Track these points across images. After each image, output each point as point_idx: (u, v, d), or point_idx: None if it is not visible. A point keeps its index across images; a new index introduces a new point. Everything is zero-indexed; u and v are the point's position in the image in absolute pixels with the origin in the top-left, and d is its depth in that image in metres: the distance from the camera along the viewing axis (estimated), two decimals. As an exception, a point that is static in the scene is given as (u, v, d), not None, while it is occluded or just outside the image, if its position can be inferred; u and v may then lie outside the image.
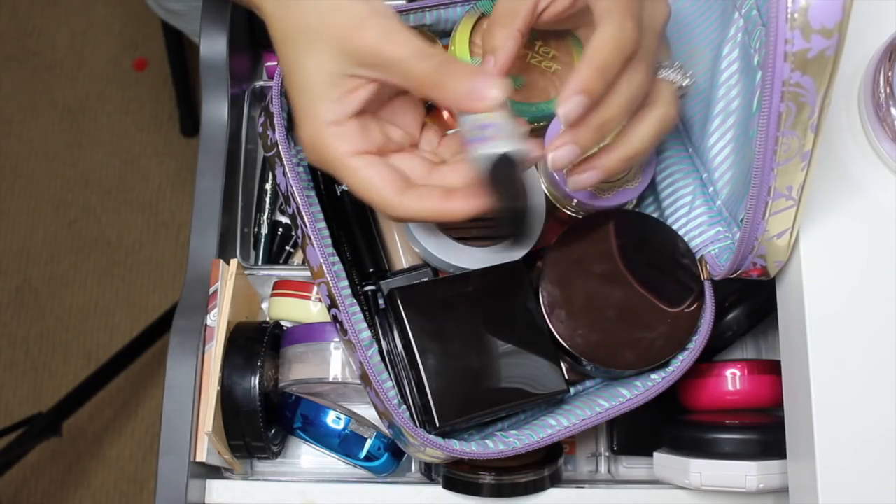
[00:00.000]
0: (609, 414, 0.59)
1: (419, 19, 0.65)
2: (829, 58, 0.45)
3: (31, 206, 1.48)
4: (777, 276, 0.57)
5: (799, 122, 0.47)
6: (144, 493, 1.37)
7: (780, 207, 0.51)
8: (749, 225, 0.53)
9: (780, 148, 0.48)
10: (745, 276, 0.57)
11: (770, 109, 0.47)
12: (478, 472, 0.62)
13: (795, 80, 0.46)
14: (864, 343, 0.53)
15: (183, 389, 0.61)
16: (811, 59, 0.45)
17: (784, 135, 0.48)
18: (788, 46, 0.45)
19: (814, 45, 0.44)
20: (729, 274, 0.57)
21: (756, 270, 0.56)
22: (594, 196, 0.62)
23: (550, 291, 0.60)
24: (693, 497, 0.63)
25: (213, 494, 0.64)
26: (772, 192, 0.50)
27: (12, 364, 1.42)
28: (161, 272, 1.46)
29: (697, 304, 0.60)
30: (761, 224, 0.52)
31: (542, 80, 0.65)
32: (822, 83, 0.46)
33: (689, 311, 0.60)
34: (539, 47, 0.65)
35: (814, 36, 0.44)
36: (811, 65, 0.45)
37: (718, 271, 0.59)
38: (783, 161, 0.49)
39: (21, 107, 1.52)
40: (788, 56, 0.45)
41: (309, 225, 0.59)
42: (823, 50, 0.44)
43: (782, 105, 0.46)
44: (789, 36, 0.44)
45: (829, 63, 0.45)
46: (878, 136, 0.57)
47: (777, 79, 0.46)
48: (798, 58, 0.45)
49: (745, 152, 0.58)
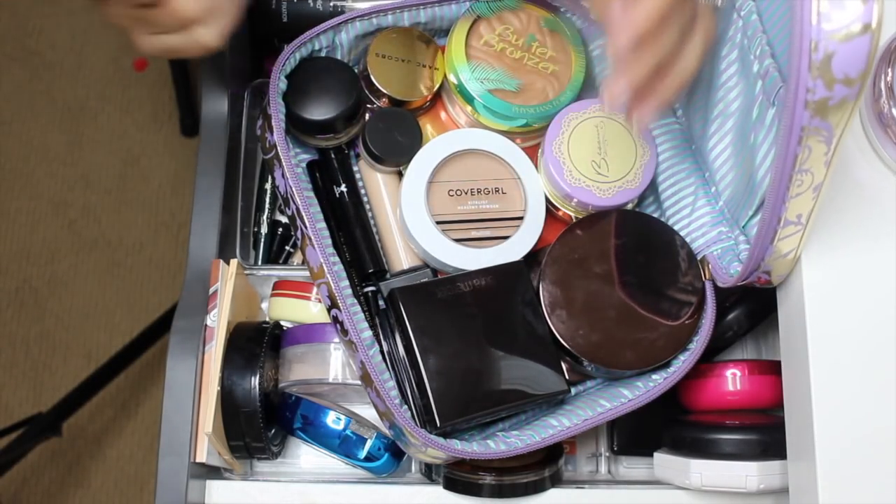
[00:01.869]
0: (611, 414, 0.59)
1: (414, 17, 0.65)
2: (849, 104, 0.43)
3: (31, 206, 1.48)
4: (778, 276, 0.57)
5: (814, 161, 0.46)
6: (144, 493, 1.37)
7: (789, 233, 0.51)
8: (757, 248, 0.53)
9: (794, 184, 0.47)
10: (748, 284, 0.57)
11: (787, 151, 0.46)
12: (478, 472, 0.61)
13: (815, 125, 0.44)
14: (865, 344, 0.53)
15: (183, 389, 0.61)
16: (832, 107, 0.43)
17: (799, 172, 0.47)
18: (810, 95, 0.43)
19: (836, 94, 0.43)
20: (733, 285, 0.58)
21: (761, 281, 0.56)
22: (595, 196, 0.62)
23: (551, 291, 0.60)
24: (693, 497, 0.63)
25: (212, 495, 0.64)
26: (782, 222, 0.50)
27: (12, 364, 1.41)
28: (161, 272, 1.45)
29: (698, 304, 0.60)
30: (770, 248, 0.52)
31: (539, 81, 0.65)
32: (841, 125, 0.45)
33: (690, 312, 0.60)
34: (536, 48, 0.65)
35: (837, 85, 0.43)
36: (832, 111, 0.44)
37: (724, 280, 0.58)
38: (795, 195, 0.48)
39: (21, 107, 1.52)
40: (809, 104, 0.43)
41: (309, 226, 0.59)
42: (845, 98, 0.43)
43: (799, 147, 0.45)
44: (811, 85, 0.43)
45: (849, 108, 0.44)
46: (879, 139, 0.57)
47: (796, 124, 0.44)
48: (819, 105, 0.43)
49: (744, 155, 0.58)
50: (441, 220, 0.63)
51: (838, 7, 0.41)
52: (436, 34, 0.67)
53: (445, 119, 0.67)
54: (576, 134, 0.63)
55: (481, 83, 0.64)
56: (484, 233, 0.63)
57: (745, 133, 0.57)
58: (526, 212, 0.64)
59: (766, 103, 0.54)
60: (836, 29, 0.42)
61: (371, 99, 0.65)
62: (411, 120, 0.65)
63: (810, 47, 0.42)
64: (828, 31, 0.42)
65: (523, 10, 0.66)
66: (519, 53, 0.65)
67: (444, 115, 0.67)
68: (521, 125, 0.64)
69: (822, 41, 0.42)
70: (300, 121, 0.63)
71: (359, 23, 0.64)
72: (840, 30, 0.42)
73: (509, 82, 0.64)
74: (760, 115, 0.54)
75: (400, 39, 0.65)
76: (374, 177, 0.66)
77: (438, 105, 0.67)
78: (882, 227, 0.55)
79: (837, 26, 0.42)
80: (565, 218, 0.65)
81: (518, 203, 0.64)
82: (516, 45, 0.65)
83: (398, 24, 0.65)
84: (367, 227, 0.66)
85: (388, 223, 0.66)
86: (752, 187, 0.56)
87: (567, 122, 0.63)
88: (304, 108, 0.61)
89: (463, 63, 0.64)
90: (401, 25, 0.65)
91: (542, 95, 0.65)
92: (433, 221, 0.62)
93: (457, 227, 0.63)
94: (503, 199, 0.64)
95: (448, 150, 0.64)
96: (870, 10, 0.41)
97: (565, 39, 0.66)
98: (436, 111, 0.67)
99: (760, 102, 0.54)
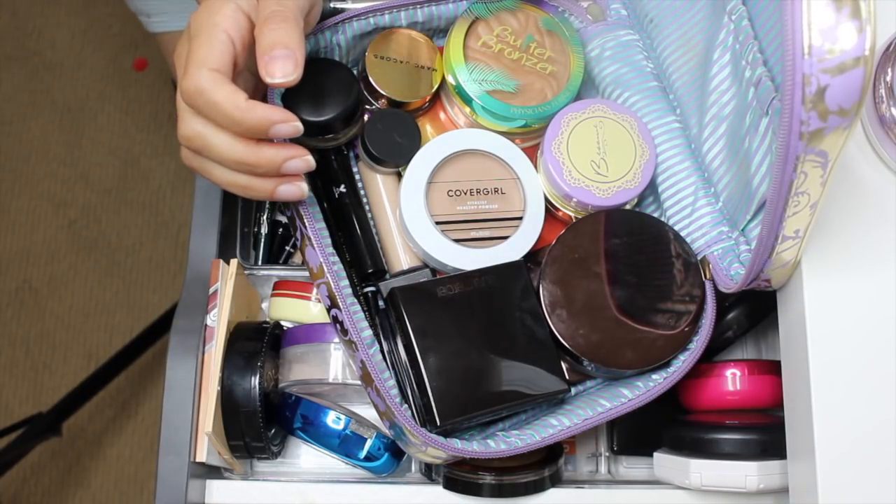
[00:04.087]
0: (611, 414, 0.59)
1: (411, 17, 0.65)
2: (844, 133, 0.43)
3: (31, 206, 1.48)
4: (777, 276, 0.57)
5: (811, 183, 0.46)
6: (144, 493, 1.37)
7: (787, 247, 0.51)
8: (755, 263, 0.53)
9: (790, 205, 0.47)
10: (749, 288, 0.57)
11: (782, 179, 0.46)
12: (478, 472, 0.62)
13: (811, 154, 0.44)
14: (865, 344, 0.53)
15: (183, 389, 0.61)
16: (827, 136, 0.43)
17: (796, 195, 0.47)
18: (804, 127, 0.43)
19: (829, 125, 0.42)
20: (734, 291, 0.58)
21: (761, 286, 0.56)
22: (594, 196, 0.62)
23: (551, 291, 0.60)
24: (693, 497, 0.63)
25: (212, 494, 0.64)
26: (780, 239, 0.50)
27: (12, 364, 1.41)
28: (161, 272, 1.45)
29: (698, 303, 0.60)
30: (768, 261, 0.52)
31: (538, 82, 0.65)
32: (836, 150, 0.44)
33: (690, 311, 0.60)
34: (534, 49, 0.65)
35: (830, 117, 0.42)
36: (827, 140, 0.43)
37: (725, 285, 0.59)
38: (792, 215, 0.48)
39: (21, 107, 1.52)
40: (804, 136, 0.43)
41: (308, 226, 0.59)
42: (839, 127, 0.43)
43: (795, 174, 0.45)
44: (805, 118, 0.42)
45: (845, 135, 0.43)
46: (880, 140, 0.57)
47: (791, 154, 0.44)
48: (814, 135, 0.43)
49: (739, 159, 0.58)
50: (440, 221, 0.63)
51: (830, 40, 0.41)
52: (434, 34, 0.67)
53: (444, 120, 0.67)
54: (575, 134, 0.63)
55: (479, 84, 0.64)
56: (483, 233, 0.63)
57: (740, 137, 0.57)
58: (525, 212, 0.64)
59: (760, 112, 0.53)
60: (829, 62, 0.41)
61: (370, 100, 0.65)
62: (410, 121, 0.65)
63: (803, 81, 0.41)
64: (820, 65, 0.41)
65: (521, 11, 0.66)
66: (517, 54, 0.65)
67: (443, 116, 0.67)
68: (519, 126, 0.64)
69: (814, 75, 0.41)
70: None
71: (356, 22, 0.64)
72: (833, 63, 0.41)
73: (508, 83, 0.64)
74: (754, 123, 0.54)
75: (398, 40, 0.65)
76: (374, 178, 0.66)
77: (437, 106, 0.67)
78: (882, 228, 0.55)
79: (830, 60, 0.41)
80: (565, 218, 0.65)
81: (517, 203, 0.64)
82: (514, 46, 0.65)
83: (395, 23, 0.65)
84: (366, 228, 0.66)
85: (387, 224, 0.66)
86: (750, 192, 0.56)
87: (566, 123, 0.63)
88: (303, 109, 0.61)
89: (461, 64, 0.64)
90: (398, 25, 0.65)
91: (540, 96, 0.65)
92: (432, 222, 0.63)
93: (456, 228, 0.63)
94: (503, 200, 0.64)
95: (447, 150, 0.64)
96: (862, 43, 0.41)
97: (564, 40, 0.66)
98: (435, 112, 0.67)
99: (753, 110, 0.54)
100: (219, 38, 0.52)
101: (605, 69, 0.66)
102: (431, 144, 0.64)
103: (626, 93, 0.65)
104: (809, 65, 0.41)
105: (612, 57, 0.66)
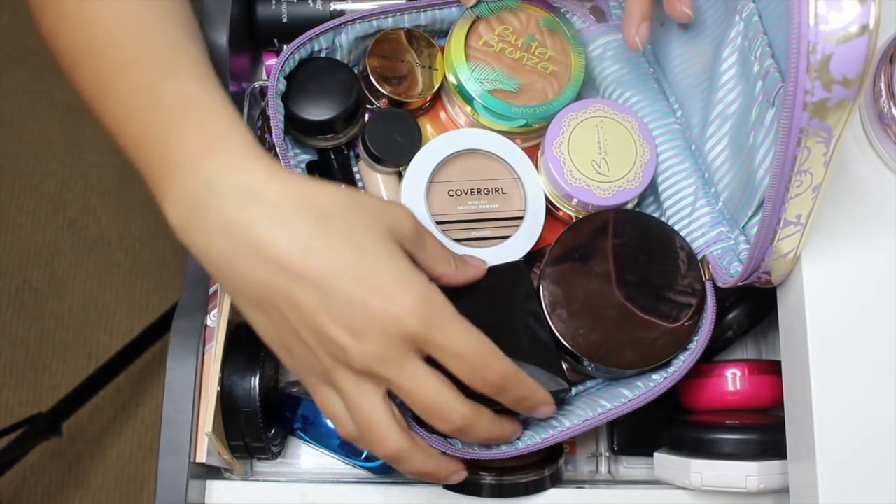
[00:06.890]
0: (611, 414, 0.59)
1: (414, 20, 0.65)
2: (848, 105, 0.44)
3: (31, 206, 1.48)
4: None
5: (813, 161, 0.46)
6: (144, 493, 1.37)
7: (789, 233, 0.51)
8: (756, 249, 0.53)
9: (793, 185, 0.48)
10: (748, 285, 0.57)
11: (786, 153, 0.46)
12: (478, 472, 0.61)
13: (814, 126, 0.45)
14: (865, 344, 0.53)
15: (183, 389, 0.61)
16: (831, 108, 0.44)
17: (798, 173, 0.47)
18: (808, 97, 0.43)
19: (833, 95, 0.43)
20: (733, 285, 0.58)
21: (761, 281, 0.56)
22: (595, 196, 0.62)
23: (551, 291, 0.60)
24: (693, 497, 0.63)
25: (213, 495, 0.64)
26: (781, 223, 0.50)
27: (12, 364, 1.41)
28: (161, 272, 1.45)
29: (699, 304, 0.60)
30: (769, 249, 0.52)
31: (539, 81, 0.65)
32: (840, 126, 0.45)
33: (691, 311, 0.60)
34: (535, 48, 0.65)
35: (834, 87, 0.43)
36: (831, 112, 0.44)
37: (724, 280, 0.59)
38: (795, 196, 0.48)
39: (21, 107, 1.52)
40: (808, 106, 0.44)
41: (309, 225, 0.59)
42: (843, 99, 0.43)
43: (798, 149, 0.46)
44: (809, 87, 0.43)
45: (847, 109, 0.44)
46: (879, 139, 0.57)
47: (795, 126, 0.45)
48: (817, 106, 0.44)
49: (742, 157, 0.58)
50: (441, 220, 0.63)
51: (836, 8, 0.42)
52: (435, 36, 0.67)
53: (445, 119, 0.67)
54: (576, 134, 0.63)
55: (480, 83, 0.64)
56: (484, 233, 0.63)
57: (744, 134, 0.57)
58: (526, 212, 0.64)
59: (766, 104, 0.54)
60: (834, 30, 0.42)
61: (370, 99, 0.65)
62: (411, 120, 0.65)
63: (808, 49, 0.42)
64: (825, 33, 0.42)
65: (523, 11, 0.66)
66: (518, 54, 0.65)
67: (444, 116, 0.67)
68: (520, 125, 0.64)
69: (819, 43, 0.42)
70: (299, 121, 0.63)
71: (359, 25, 0.64)
72: (838, 31, 0.42)
73: (509, 83, 0.64)
74: (760, 116, 0.55)
75: (399, 40, 0.65)
76: (374, 177, 0.66)
77: (438, 105, 0.67)
78: (882, 227, 0.55)
79: (835, 28, 0.42)
80: (565, 218, 0.65)
81: (518, 203, 0.64)
82: (515, 46, 0.65)
83: (398, 26, 0.65)
84: (366, 228, 0.65)
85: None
86: (752, 188, 0.56)
87: (567, 122, 0.63)
88: (304, 108, 0.61)
89: (462, 63, 0.64)
90: (400, 27, 0.65)
91: (541, 96, 0.65)
92: (433, 221, 0.63)
93: (457, 227, 0.63)
94: (503, 199, 0.64)
95: (448, 150, 0.64)
96: (867, 12, 0.42)
97: (565, 39, 0.66)
98: (435, 112, 0.67)
99: (760, 103, 0.55)
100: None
101: (606, 69, 0.66)
102: (432, 144, 0.64)
103: (628, 93, 0.65)
104: (815, 33, 0.42)
105: (614, 57, 0.66)
